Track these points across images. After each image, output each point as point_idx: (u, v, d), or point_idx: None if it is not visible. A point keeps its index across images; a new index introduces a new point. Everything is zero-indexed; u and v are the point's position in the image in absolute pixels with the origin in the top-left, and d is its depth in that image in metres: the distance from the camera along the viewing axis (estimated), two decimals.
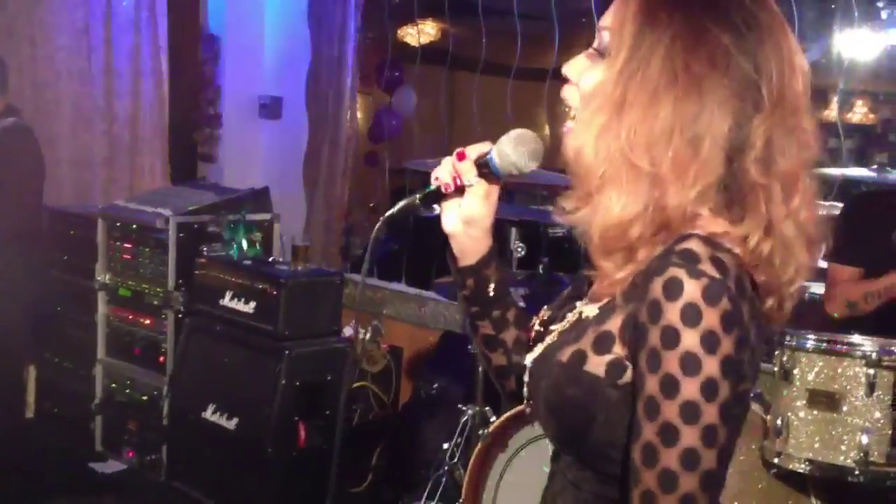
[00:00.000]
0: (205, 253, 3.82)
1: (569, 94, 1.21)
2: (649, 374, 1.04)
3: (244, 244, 3.82)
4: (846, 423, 2.14)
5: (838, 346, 2.19)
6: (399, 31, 7.13)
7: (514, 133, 1.29)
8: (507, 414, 2.80)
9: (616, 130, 1.12)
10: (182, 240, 3.87)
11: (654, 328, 1.04)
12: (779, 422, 2.21)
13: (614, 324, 1.11)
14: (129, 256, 4.03)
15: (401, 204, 1.34)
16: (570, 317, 1.24)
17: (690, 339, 1.02)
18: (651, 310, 1.04)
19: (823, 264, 3.11)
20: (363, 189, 6.46)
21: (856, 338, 2.21)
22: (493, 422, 2.87)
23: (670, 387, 1.02)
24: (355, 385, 3.91)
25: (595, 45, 1.18)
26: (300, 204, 5.35)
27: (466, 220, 1.32)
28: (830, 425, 2.15)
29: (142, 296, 3.96)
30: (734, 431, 1.07)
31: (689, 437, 1.02)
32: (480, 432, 2.94)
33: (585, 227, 1.14)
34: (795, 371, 2.21)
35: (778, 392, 2.26)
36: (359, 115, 7.45)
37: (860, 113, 7.52)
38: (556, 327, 1.26)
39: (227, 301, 3.66)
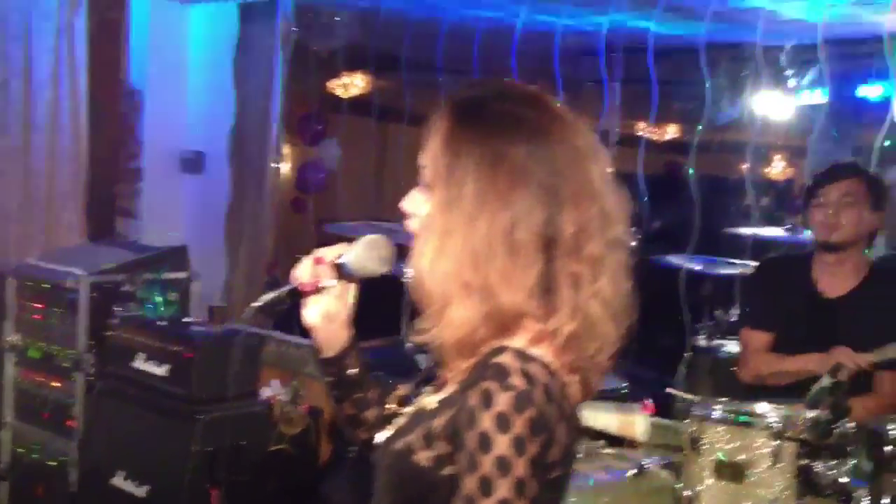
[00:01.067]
0: (118, 313, 3.73)
1: (411, 225, 1.36)
2: (467, 474, 1.19)
3: (160, 304, 3.74)
4: (752, 494, 2.16)
5: (744, 417, 2.21)
6: (328, 84, 7.16)
7: (367, 239, 1.46)
8: None
9: (445, 255, 1.27)
10: (95, 300, 3.78)
11: (470, 434, 1.19)
12: (688, 493, 2.22)
13: (439, 424, 1.27)
14: (39, 317, 3.92)
15: (268, 297, 1.44)
16: (416, 403, 1.39)
17: (502, 445, 1.17)
18: (468, 417, 1.20)
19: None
20: (290, 237, 6.42)
21: (762, 407, 2.24)
22: None
23: (486, 486, 1.17)
24: (273, 448, 3.83)
25: (423, 179, 1.33)
26: (221, 259, 5.27)
27: (325, 317, 1.47)
28: (737, 496, 2.17)
29: (52, 358, 3.85)
30: None
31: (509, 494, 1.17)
32: None
33: (439, 341, 1.29)
34: (703, 441, 2.23)
35: (687, 462, 2.28)
36: (286, 164, 7.45)
37: (779, 167, 7.76)
38: (408, 409, 1.40)
39: (139, 364, 3.56)
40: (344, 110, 7.03)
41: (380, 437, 1.40)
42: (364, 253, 1.45)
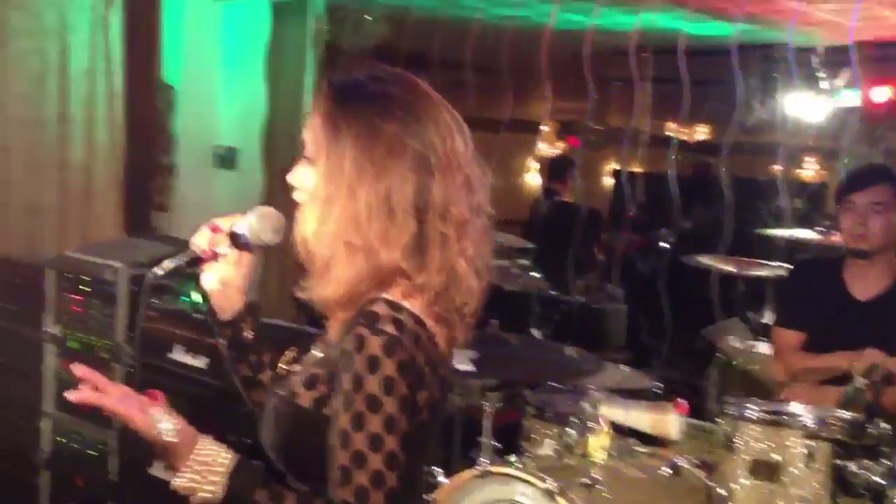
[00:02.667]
0: (155, 305, 3.79)
1: (297, 196, 1.50)
2: (342, 412, 1.34)
3: (195, 297, 3.80)
4: (786, 494, 2.18)
5: (778, 416, 2.24)
6: None
7: (261, 210, 1.59)
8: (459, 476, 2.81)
9: (329, 220, 1.42)
10: (133, 292, 3.84)
11: (346, 375, 1.35)
12: (723, 490, 2.25)
13: (320, 368, 1.45)
14: (78, 308, 3.98)
15: (166, 264, 1.55)
16: (305, 359, 1.57)
17: (373, 384, 1.33)
18: (343, 359, 1.36)
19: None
20: None
21: (796, 407, 2.26)
22: (443, 485, 2.87)
23: (358, 421, 1.33)
24: None
25: (305, 154, 1.48)
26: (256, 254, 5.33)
27: (222, 282, 1.60)
28: (772, 495, 2.19)
29: (91, 348, 3.90)
30: (416, 451, 1.41)
31: (375, 461, 1.32)
32: (428, 497, 2.93)
33: (324, 298, 1.44)
34: (737, 440, 2.25)
35: (722, 461, 2.30)
36: None
37: (812, 169, 7.71)
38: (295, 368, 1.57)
39: (178, 355, 3.62)
40: None
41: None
42: (257, 223, 1.57)
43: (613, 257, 5.41)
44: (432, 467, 3.14)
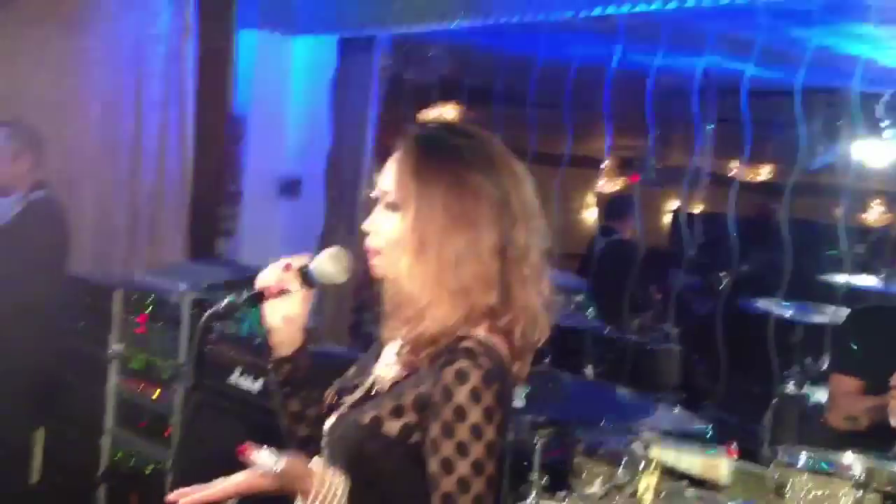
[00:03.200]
0: (216, 328, 3.88)
1: (373, 242, 1.59)
2: (444, 440, 1.45)
3: (255, 322, 3.89)
4: None
5: (828, 466, 2.22)
6: (421, 115, 7.30)
7: (332, 251, 1.65)
8: None
9: (425, 264, 1.52)
10: (195, 315, 3.94)
11: (447, 406, 1.45)
12: None
13: (407, 398, 1.52)
14: (142, 329, 4.11)
15: (225, 301, 1.62)
16: (362, 389, 1.63)
17: (475, 415, 1.44)
18: (443, 392, 1.46)
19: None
20: None
21: (846, 457, 2.25)
22: None
23: (462, 450, 1.44)
24: None
25: (386, 201, 1.58)
26: None
27: (286, 319, 1.67)
28: None
29: (153, 368, 4.02)
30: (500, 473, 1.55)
31: (478, 485, 1.44)
32: None
33: (415, 336, 1.53)
34: (787, 488, 2.24)
35: None
36: None
37: (877, 212, 7.59)
38: (347, 399, 1.64)
39: (235, 378, 3.71)
40: None
41: (328, 422, 1.64)
42: (329, 263, 1.63)
43: (670, 297, 5.38)
44: None
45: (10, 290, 3.81)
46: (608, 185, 8.36)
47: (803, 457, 2.25)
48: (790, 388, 3.92)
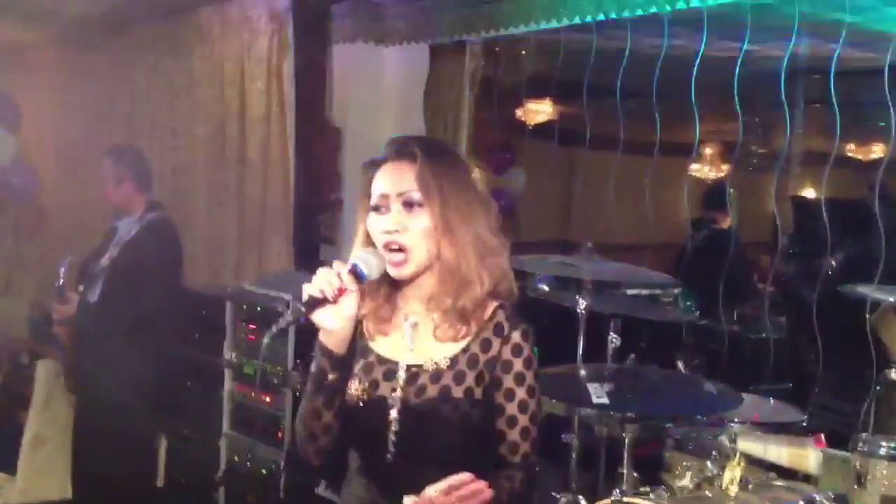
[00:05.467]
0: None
1: (403, 238, 1.87)
2: (517, 387, 1.89)
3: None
4: None
5: None
6: (514, 112, 7.38)
7: (365, 249, 1.90)
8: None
9: (457, 246, 1.86)
10: (301, 322, 4.13)
11: (517, 360, 1.90)
12: None
13: (462, 365, 1.89)
14: (252, 337, 4.33)
15: (288, 318, 1.88)
16: (407, 372, 1.92)
17: (530, 377, 1.91)
18: (515, 349, 1.90)
19: None
20: None
21: None
22: None
23: (524, 407, 1.89)
24: None
25: (404, 201, 1.89)
26: None
27: (350, 318, 1.86)
28: None
29: (264, 374, 4.24)
30: None
31: (534, 432, 1.92)
32: None
33: (461, 307, 1.88)
34: (868, 476, 2.26)
35: (855, 496, 2.31)
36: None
37: None
38: (394, 384, 1.91)
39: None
40: (529, 137, 7.24)
41: (393, 410, 1.90)
42: (373, 258, 1.86)
43: (772, 286, 5.31)
44: (578, 495, 3.24)
45: (132, 302, 4.09)
46: (705, 173, 8.23)
47: (883, 445, 2.25)
48: (893, 374, 3.84)
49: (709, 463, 2.70)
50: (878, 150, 7.36)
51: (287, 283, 4.36)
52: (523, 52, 6.15)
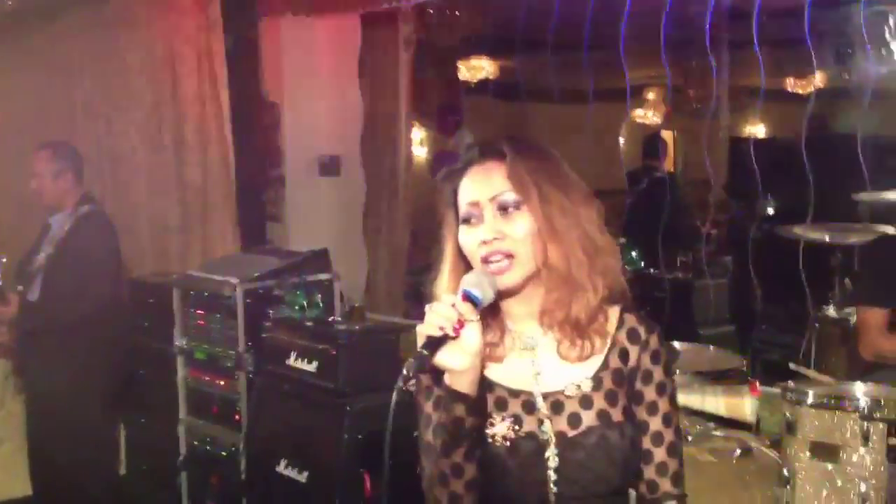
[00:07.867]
0: (271, 316, 4.08)
1: (505, 245, 1.61)
2: (660, 398, 1.65)
3: (305, 306, 4.07)
4: (846, 473, 2.27)
5: (834, 401, 2.31)
6: (454, 73, 7.38)
7: (478, 271, 1.60)
8: None
9: (574, 243, 1.62)
10: (249, 305, 4.14)
11: (657, 367, 1.66)
12: (786, 471, 2.35)
13: (609, 383, 1.64)
14: (202, 322, 4.33)
15: (414, 366, 1.47)
16: (565, 394, 1.65)
17: (670, 386, 1.66)
18: (654, 356, 1.66)
19: None
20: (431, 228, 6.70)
21: (854, 389, 2.33)
22: None
23: (668, 420, 1.65)
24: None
25: (499, 205, 1.63)
26: (362, 257, 5.61)
27: (475, 354, 1.52)
28: (833, 475, 2.28)
29: (216, 359, 4.24)
30: None
31: (679, 446, 1.66)
32: None
33: (575, 316, 1.62)
34: (798, 424, 2.34)
35: (785, 443, 2.40)
36: (423, 148, 7.74)
37: None
38: (541, 415, 1.64)
39: (292, 361, 3.91)
40: (468, 95, 7.25)
41: (550, 451, 1.62)
42: (484, 280, 1.56)
43: (717, 230, 5.40)
44: None
45: (73, 298, 4.07)
46: (649, 118, 8.22)
47: (810, 393, 2.34)
48: (830, 311, 3.94)
49: None
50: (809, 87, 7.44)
51: (232, 267, 4.36)
52: (456, 13, 6.13)
